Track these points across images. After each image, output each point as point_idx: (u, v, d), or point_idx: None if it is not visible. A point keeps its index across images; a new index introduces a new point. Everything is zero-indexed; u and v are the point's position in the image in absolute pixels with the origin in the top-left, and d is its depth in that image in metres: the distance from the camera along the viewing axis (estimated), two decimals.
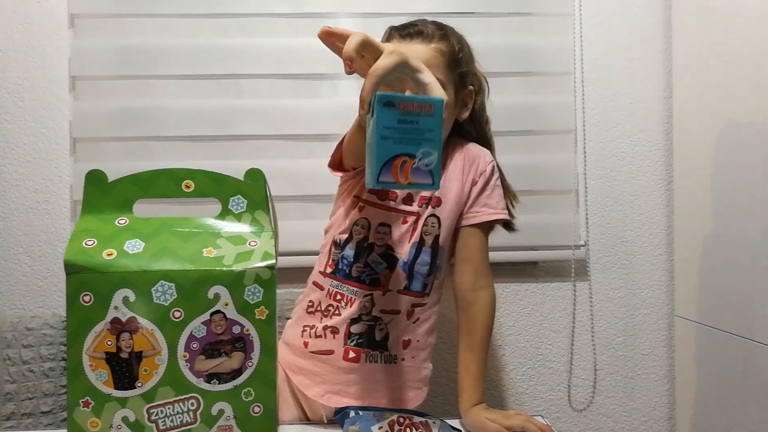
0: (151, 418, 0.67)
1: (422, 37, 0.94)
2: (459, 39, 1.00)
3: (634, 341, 1.54)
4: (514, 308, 1.52)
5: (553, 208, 1.50)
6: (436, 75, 0.87)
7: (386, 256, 0.96)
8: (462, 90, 1.00)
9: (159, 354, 0.67)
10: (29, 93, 1.44)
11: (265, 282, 0.69)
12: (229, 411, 0.68)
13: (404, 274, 0.97)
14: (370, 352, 0.95)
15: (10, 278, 1.44)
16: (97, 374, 0.66)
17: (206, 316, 0.68)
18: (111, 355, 0.67)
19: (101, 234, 0.69)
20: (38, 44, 1.44)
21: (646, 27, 1.53)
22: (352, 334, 0.95)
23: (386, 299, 0.96)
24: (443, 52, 0.94)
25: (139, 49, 1.43)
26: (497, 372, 1.52)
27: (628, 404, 1.55)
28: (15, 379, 1.17)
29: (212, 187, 0.73)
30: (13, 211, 1.44)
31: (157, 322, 0.67)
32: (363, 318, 0.95)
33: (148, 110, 1.43)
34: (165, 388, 0.67)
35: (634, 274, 1.54)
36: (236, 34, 1.44)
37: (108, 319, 0.66)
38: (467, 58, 1.00)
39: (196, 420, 0.68)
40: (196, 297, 0.67)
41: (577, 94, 1.51)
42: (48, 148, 1.45)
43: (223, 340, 0.68)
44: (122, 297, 0.66)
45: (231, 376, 0.68)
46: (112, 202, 0.72)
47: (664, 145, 1.54)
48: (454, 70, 0.96)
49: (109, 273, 0.66)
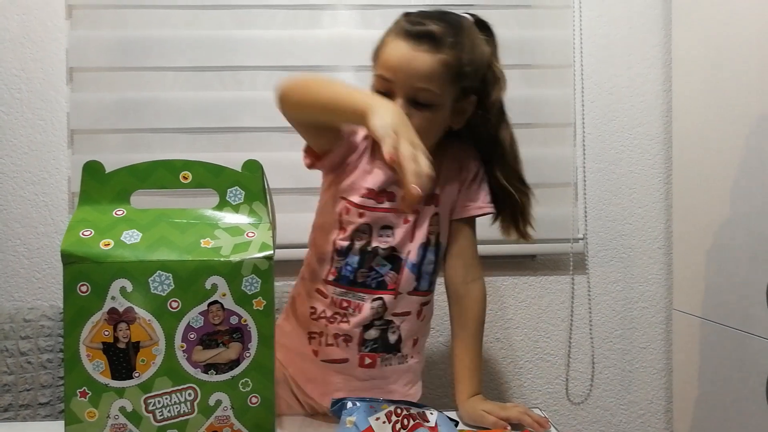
0: (149, 409, 0.67)
1: (431, 42, 0.86)
2: (472, 45, 0.91)
3: (632, 334, 1.55)
4: (512, 301, 1.53)
5: (551, 201, 1.50)
6: (434, 89, 0.86)
7: (390, 257, 0.94)
8: (461, 100, 0.93)
9: (156, 344, 0.67)
10: (26, 84, 1.44)
11: (262, 273, 0.68)
12: (227, 401, 0.68)
13: (413, 276, 0.95)
14: (385, 356, 0.94)
15: (7, 270, 1.44)
16: (95, 364, 0.66)
17: (204, 306, 0.67)
18: (108, 345, 0.66)
19: (98, 225, 0.69)
20: (36, 35, 1.44)
21: (646, 20, 1.53)
22: (366, 341, 0.93)
23: (397, 302, 0.94)
24: (448, 65, 0.87)
25: (137, 40, 1.43)
26: (495, 365, 1.53)
27: (625, 397, 1.55)
28: (13, 371, 1.17)
29: (210, 178, 0.72)
30: (11, 203, 1.44)
31: (154, 313, 0.66)
32: (375, 323, 0.93)
33: (146, 102, 1.43)
34: (162, 379, 0.67)
35: (633, 268, 1.54)
36: (234, 25, 1.44)
37: (105, 309, 0.66)
38: (477, 67, 0.92)
39: (193, 410, 0.67)
40: (193, 287, 0.67)
41: (576, 87, 1.51)
42: (45, 139, 1.44)
43: (220, 331, 0.68)
44: (119, 287, 0.66)
45: (228, 367, 0.68)
46: (110, 193, 0.71)
47: (663, 138, 1.54)
48: (458, 83, 0.89)
49: (106, 263, 0.66)
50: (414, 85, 0.86)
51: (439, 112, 0.89)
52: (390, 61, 0.88)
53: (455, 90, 0.90)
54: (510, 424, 0.84)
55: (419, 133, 0.80)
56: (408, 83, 0.86)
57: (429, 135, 0.88)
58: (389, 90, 0.88)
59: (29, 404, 1.16)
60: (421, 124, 0.85)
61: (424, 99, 0.87)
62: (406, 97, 0.87)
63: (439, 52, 0.86)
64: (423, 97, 0.87)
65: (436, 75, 0.86)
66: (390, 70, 0.87)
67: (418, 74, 0.86)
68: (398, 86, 0.87)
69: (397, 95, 0.87)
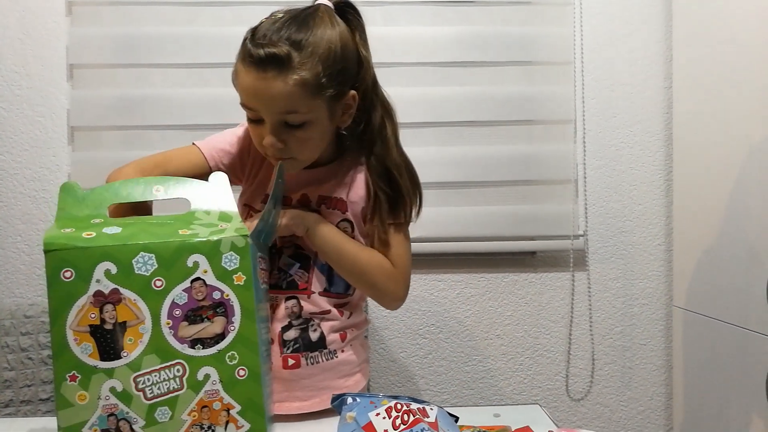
0: (138, 387, 0.68)
1: (277, 66, 0.79)
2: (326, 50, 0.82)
3: (632, 331, 1.55)
4: (512, 298, 1.53)
5: (552, 198, 1.50)
6: (299, 109, 0.81)
7: (297, 255, 0.93)
8: (338, 101, 0.86)
9: (143, 323, 0.68)
10: (26, 81, 1.44)
11: (240, 249, 0.71)
12: (215, 375, 0.69)
13: (324, 276, 0.93)
14: (310, 354, 0.92)
15: (8, 266, 1.45)
16: (82, 347, 0.67)
17: (187, 283, 0.69)
18: (95, 327, 0.67)
19: (78, 226, 0.71)
20: (36, 32, 1.44)
21: (647, 17, 1.53)
22: (286, 342, 0.91)
23: (312, 301, 0.93)
24: (304, 83, 0.80)
25: (137, 37, 1.43)
26: (495, 361, 1.53)
27: (625, 394, 1.55)
28: (13, 367, 1.17)
29: (180, 188, 0.76)
30: (11, 199, 1.44)
31: (139, 292, 0.68)
32: (293, 324, 0.92)
33: (146, 99, 1.43)
34: (150, 357, 0.68)
35: (633, 265, 1.55)
36: (234, 22, 1.44)
37: (90, 292, 0.67)
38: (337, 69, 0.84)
39: (182, 386, 0.68)
40: (176, 266, 0.69)
41: (576, 84, 1.51)
42: (46, 136, 1.44)
43: (204, 306, 0.69)
44: (104, 270, 0.67)
45: (214, 341, 0.69)
46: (86, 208, 0.74)
47: (663, 135, 1.54)
48: (322, 94, 0.83)
49: (90, 248, 0.68)
50: (278, 111, 0.82)
51: (315, 126, 0.85)
52: (246, 92, 0.83)
53: (323, 101, 0.84)
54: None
55: (304, 149, 0.85)
56: (272, 111, 0.82)
57: (315, 147, 0.88)
58: (258, 117, 0.84)
59: (30, 400, 1.16)
60: (304, 142, 0.84)
61: (294, 120, 0.83)
62: (276, 123, 0.83)
63: (290, 73, 0.80)
64: (292, 119, 0.82)
65: (296, 97, 0.80)
66: (249, 101, 0.83)
67: (277, 102, 0.81)
68: (264, 114, 0.83)
69: (266, 122, 0.83)
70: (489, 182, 1.48)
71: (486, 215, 1.48)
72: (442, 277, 1.52)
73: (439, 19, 1.48)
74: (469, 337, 1.52)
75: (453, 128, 1.48)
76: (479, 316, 1.52)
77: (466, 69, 1.49)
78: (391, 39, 1.46)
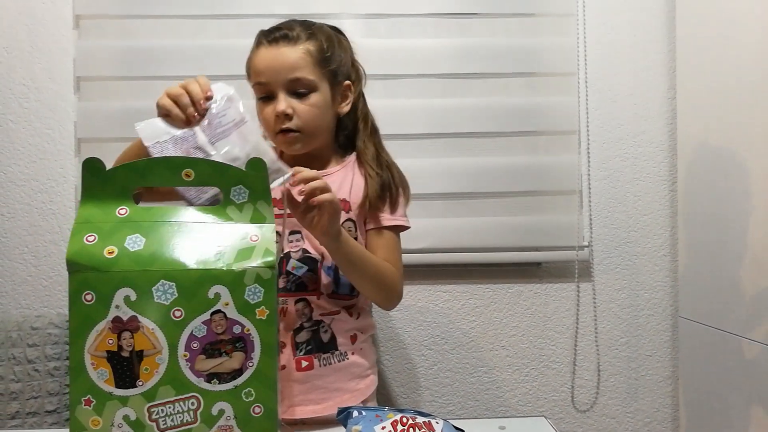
0: (152, 417, 0.67)
1: (288, 40, 0.95)
2: (328, 36, 0.99)
3: (638, 342, 1.54)
4: (517, 309, 1.52)
5: (556, 209, 1.50)
6: (307, 76, 0.94)
7: (306, 260, 0.96)
8: (337, 85, 0.99)
9: (159, 353, 0.67)
10: (34, 94, 1.45)
11: (265, 282, 0.68)
12: (230, 411, 0.68)
13: (330, 279, 0.96)
14: (322, 356, 0.96)
15: (15, 278, 1.45)
16: (99, 373, 0.66)
17: (207, 315, 0.67)
18: (112, 353, 0.66)
19: (102, 228, 0.69)
20: (43, 45, 1.45)
21: (650, 28, 1.53)
22: (299, 344, 0.95)
23: (321, 302, 0.96)
24: (310, 52, 0.95)
25: (143, 50, 1.44)
26: (500, 373, 1.52)
27: (631, 405, 1.54)
28: (20, 378, 1.17)
29: (213, 176, 0.72)
30: (18, 211, 1.45)
31: (157, 322, 0.67)
32: (305, 325, 0.95)
33: (153, 111, 1.43)
34: (165, 388, 0.67)
35: (638, 275, 1.54)
36: (239, 35, 1.44)
37: (109, 317, 0.66)
38: (338, 53, 0.99)
39: (196, 419, 0.67)
40: (196, 296, 0.67)
41: (580, 95, 1.51)
42: (53, 148, 1.45)
43: (223, 340, 0.68)
44: (123, 296, 0.66)
45: (231, 376, 0.68)
46: (112, 191, 0.71)
47: (667, 145, 1.54)
48: (325, 67, 0.96)
49: (111, 272, 0.66)
50: (286, 77, 0.93)
51: (319, 95, 0.95)
52: (258, 66, 0.95)
53: (326, 73, 0.97)
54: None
55: (312, 119, 0.94)
56: (281, 78, 0.93)
57: (321, 118, 0.97)
58: (269, 92, 0.94)
59: (36, 412, 1.16)
60: (309, 110, 0.94)
61: (301, 86, 0.94)
62: (285, 91, 0.93)
63: (298, 44, 0.95)
64: (299, 85, 0.93)
65: (303, 62, 0.94)
66: (261, 74, 0.94)
67: (286, 67, 0.93)
68: (274, 85, 0.93)
69: (277, 93, 0.93)
70: (493, 193, 1.49)
71: (491, 226, 1.48)
72: (447, 288, 1.51)
73: (443, 31, 1.49)
74: (474, 348, 1.52)
75: (457, 139, 1.48)
76: (484, 327, 1.52)
77: (470, 80, 1.49)
78: (395, 51, 1.47)
